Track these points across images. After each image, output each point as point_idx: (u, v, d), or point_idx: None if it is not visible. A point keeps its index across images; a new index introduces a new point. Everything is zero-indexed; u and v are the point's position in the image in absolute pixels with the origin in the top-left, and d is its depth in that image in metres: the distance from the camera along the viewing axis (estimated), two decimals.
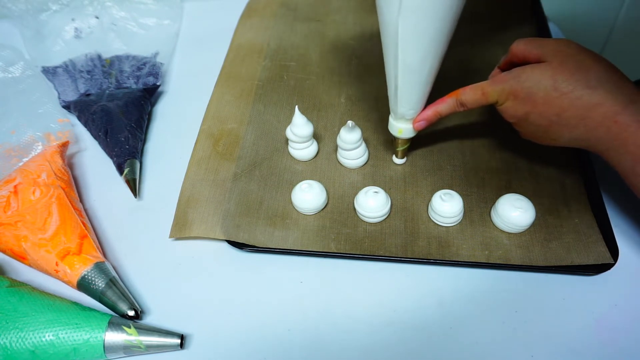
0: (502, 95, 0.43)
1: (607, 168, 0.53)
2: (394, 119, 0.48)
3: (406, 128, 0.48)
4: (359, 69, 0.63)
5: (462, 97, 0.45)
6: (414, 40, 0.40)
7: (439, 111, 0.46)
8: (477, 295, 0.45)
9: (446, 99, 0.46)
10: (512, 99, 0.42)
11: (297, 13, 0.70)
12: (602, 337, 0.42)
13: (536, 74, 0.41)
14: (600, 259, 0.45)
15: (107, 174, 0.54)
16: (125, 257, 0.48)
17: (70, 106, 0.60)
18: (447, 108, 0.46)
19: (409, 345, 0.42)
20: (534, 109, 0.42)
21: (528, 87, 0.41)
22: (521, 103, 0.42)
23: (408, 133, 0.48)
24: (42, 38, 0.69)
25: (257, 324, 0.43)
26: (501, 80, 0.43)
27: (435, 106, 0.46)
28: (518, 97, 0.42)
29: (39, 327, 0.39)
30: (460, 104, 0.45)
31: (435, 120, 0.47)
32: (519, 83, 0.42)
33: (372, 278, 0.46)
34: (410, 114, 0.46)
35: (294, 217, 0.49)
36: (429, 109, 0.46)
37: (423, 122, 0.47)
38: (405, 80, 0.43)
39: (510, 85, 0.42)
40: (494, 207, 0.47)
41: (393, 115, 0.48)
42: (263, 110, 0.58)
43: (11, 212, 0.46)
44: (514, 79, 0.42)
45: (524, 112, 0.42)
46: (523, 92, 0.42)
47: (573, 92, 0.40)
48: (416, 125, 0.47)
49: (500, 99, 0.43)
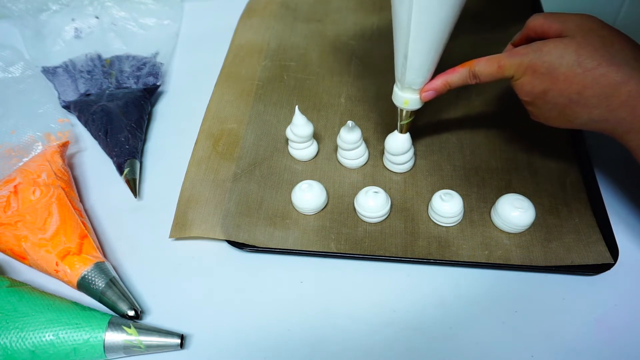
0: (520, 69, 0.40)
1: (607, 168, 0.53)
2: (400, 89, 0.45)
3: (412, 99, 0.45)
4: (359, 69, 0.63)
5: (476, 68, 0.42)
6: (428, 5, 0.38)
7: (449, 81, 0.43)
8: (477, 295, 0.45)
9: (458, 68, 0.43)
10: (530, 74, 0.40)
11: (297, 13, 0.70)
12: (602, 337, 0.42)
13: (559, 48, 0.38)
14: (600, 259, 0.45)
15: (107, 174, 0.54)
16: (125, 257, 0.48)
17: (70, 106, 0.60)
18: (459, 78, 0.43)
19: (409, 345, 0.42)
20: (553, 85, 0.39)
21: (549, 61, 0.39)
22: (540, 79, 0.39)
23: (414, 104, 0.45)
24: (42, 38, 0.69)
25: (257, 324, 0.43)
26: (520, 53, 0.40)
27: (446, 76, 0.43)
28: (537, 72, 0.39)
29: (39, 327, 0.39)
30: (473, 76, 0.42)
31: (444, 92, 0.44)
32: (540, 57, 0.39)
33: (372, 278, 0.46)
34: (418, 83, 0.43)
35: (294, 217, 0.49)
36: (438, 79, 0.43)
37: (431, 92, 0.44)
38: (416, 44, 0.40)
39: (530, 58, 0.39)
40: (494, 207, 0.47)
41: (399, 85, 0.45)
42: (263, 110, 0.58)
43: (11, 212, 0.46)
44: (535, 52, 0.39)
45: (542, 88, 0.40)
46: (543, 67, 0.39)
47: (597, 68, 0.37)
48: (424, 95, 0.44)
49: (517, 73, 0.40)
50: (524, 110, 0.57)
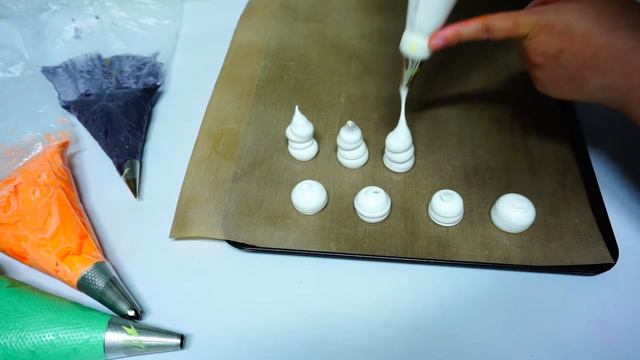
0: (536, 27, 0.39)
1: (607, 168, 0.53)
2: (409, 32, 0.43)
3: (420, 45, 0.43)
4: (359, 69, 0.63)
5: (490, 22, 0.41)
6: None
7: (461, 32, 0.42)
8: (477, 295, 0.45)
9: (471, 21, 0.41)
10: (546, 32, 0.39)
11: (297, 13, 0.70)
12: (602, 337, 0.42)
13: (580, 9, 0.38)
14: (600, 259, 0.45)
15: (107, 174, 0.54)
16: (125, 257, 0.48)
17: (70, 106, 0.60)
18: (470, 31, 0.41)
19: (409, 345, 0.42)
20: (569, 45, 0.38)
21: (567, 20, 0.38)
22: (556, 38, 0.39)
23: (421, 52, 0.44)
24: (42, 38, 0.69)
25: (257, 324, 0.43)
26: (538, 11, 0.39)
27: (458, 26, 0.42)
28: (554, 30, 0.38)
29: (39, 327, 0.39)
30: (486, 29, 0.41)
31: (453, 43, 0.42)
32: (559, 15, 0.38)
33: (372, 278, 0.46)
34: (428, 26, 0.42)
35: (294, 217, 0.49)
36: (450, 28, 0.42)
37: (441, 40, 0.42)
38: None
39: (548, 16, 0.39)
40: (494, 207, 0.47)
41: (409, 27, 0.43)
42: (263, 110, 0.58)
43: (11, 212, 0.46)
44: (554, 10, 0.39)
45: (556, 48, 0.39)
46: (561, 25, 0.38)
47: (615, 31, 0.37)
48: (432, 42, 0.42)
49: (533, 30, 0.39)
50: (524, 111, 0.57)
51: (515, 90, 0.59)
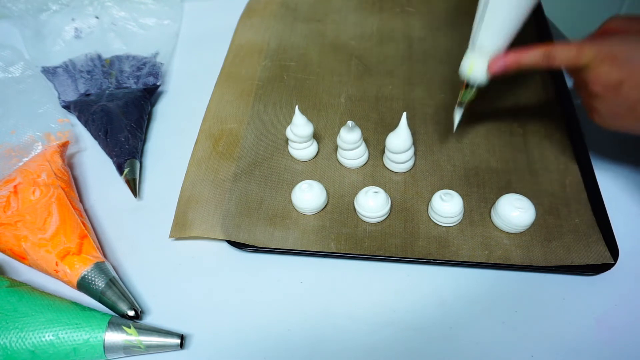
0: (599, 56, 0.39)
1: (607, 168, 0.53)
2: (470, 52, 0.44)
3: (479, 66, 0.43)
4: (359, 69, 0.63)
5: (553, 51, 0.41)
6: None
7: (521, 59, 0.42)
8: (477, 295, 0.45)
9: (533, 48, 0.42)
10: (608, 62, 0.39)
11: (297, 13, 0.70)
12: (602, 337, 0.42)
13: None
14: (600, 259, 0.45)
15: (107, 174, 0.54)
16: (125, 257, 0.48)
17: (70, 106, 0.60)
18: (532, 59, 0.42)
19: (409, 345, 0.42)
20: (631, 76, 0.39)
21: (630, 50, 0.38)
22: (618, 67, 0.39)
23: (479, 74, 0.44)
24: (42, 38, 0.69)
25: (257, 324, 0.43)
26: (601, 41, 0.40)
27: (519, 54, 0.42)
28: (616, 60, 0.39)
29: (39, 327, 0.39)
30: (547, 58, 0.41)
31: (512, 69, 0.43)
32: (622, 45, 0.39)
33: (372, 278, 0.46)
34: (489, 45, 0.42)
35: (294, 217, 0.49)
36: (511, 54, 0.42)
37: (501, 65, 0.43)
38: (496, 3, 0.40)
39: (611, 46, 0.39)
40: (494, 207, 0.47)
41: (471, 46, 0.44)
42: (263, 110, 0.58)
43: (11, 212, 0.46)
44: (618, 40, 0.39)
45: (618, 79, 0.39)
46: (623, 56, 0.39)
47: None
48: (492, 68, 0.43)
49: (595, 60, 0.40)
50: (524, 111, 0.57)
51: (515, 90, 0.59)
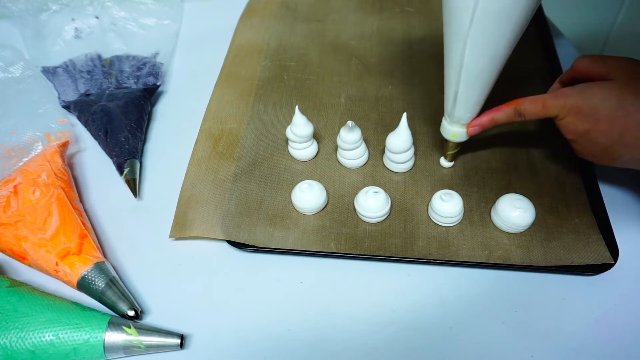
0: (564, 110, 0.42)
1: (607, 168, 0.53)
2: (449, 123, 0.47)
3: (460, 132, 0.47)
4: (359, 69, 0.63)
5: (522, 107, 0.44)
6: (482, 49, 0.39)
7: (496, 119, 0.45)
8: (477, 295, 0.45)
9: (504, 107, 0.45)
10: (573, 115, 0.42)
11: (297, 13, 0.71)
12: (602, 337, 0.42)
13: (603, 92, 0.40)
14: (600, 259, 0.45)
15: (107, 174, 0.54)
16: (125, 257, 0.48)
17: (70, 106, 0.60)
18: (504, 116, 0.45)
19: (409, 345, 0.42)
20: (595, 126, 0.41)
21: (593, 104, 0.41)
22: (583, 119, 0.41)
23: (461, 137, 0.47)
24: (42, 38, 0.69)
25: (257, 324, 0.43)
26: (564, 95, 0.42)
27: (492, 113, 0.45)
28: (580, 113, 0.41)
29: (39, 327, 0.39)
30: (518, 114, 0.44)
31: (489, 128, 0.46)
32: (584, 99, 0.41)
33: (372, 278, 0.46)
34: (466, 118, 0.46)
35: (294, 217, 0.49)
36: (485, 116, 0.45)
37: (477, 128, 0.46)
38: (467, 85, 0.42)
39: (573, 100, 0.41)
40: (494, 207, 0.47)
41: (448, 119, 0.47)
42: (263, 110, 0.58)
43: (11, 212, 0.46)
44: (579, 94, 0.41)
45: (585, 129, 0.42)
46: (587, 109, 0.41)
47: (639, 112, 0.39)
48: (470, 130, 0.46)
49: (561, 113, 0.42)
50: None
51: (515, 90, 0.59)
